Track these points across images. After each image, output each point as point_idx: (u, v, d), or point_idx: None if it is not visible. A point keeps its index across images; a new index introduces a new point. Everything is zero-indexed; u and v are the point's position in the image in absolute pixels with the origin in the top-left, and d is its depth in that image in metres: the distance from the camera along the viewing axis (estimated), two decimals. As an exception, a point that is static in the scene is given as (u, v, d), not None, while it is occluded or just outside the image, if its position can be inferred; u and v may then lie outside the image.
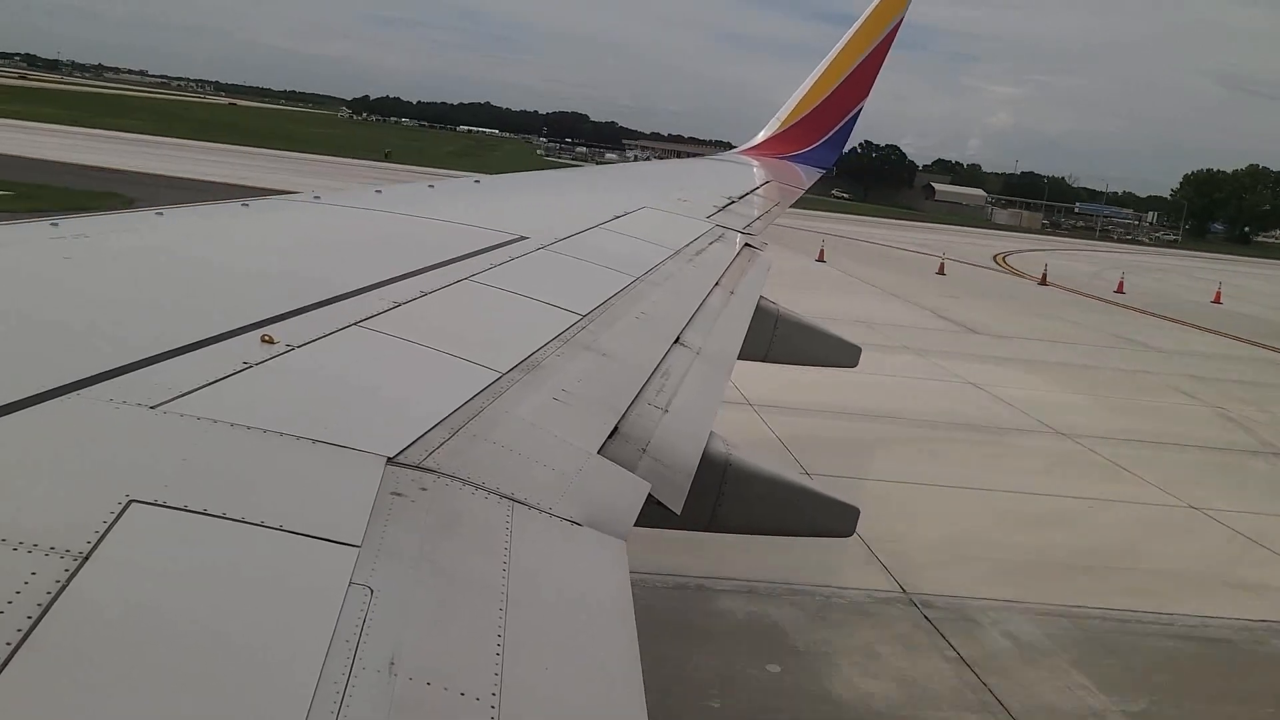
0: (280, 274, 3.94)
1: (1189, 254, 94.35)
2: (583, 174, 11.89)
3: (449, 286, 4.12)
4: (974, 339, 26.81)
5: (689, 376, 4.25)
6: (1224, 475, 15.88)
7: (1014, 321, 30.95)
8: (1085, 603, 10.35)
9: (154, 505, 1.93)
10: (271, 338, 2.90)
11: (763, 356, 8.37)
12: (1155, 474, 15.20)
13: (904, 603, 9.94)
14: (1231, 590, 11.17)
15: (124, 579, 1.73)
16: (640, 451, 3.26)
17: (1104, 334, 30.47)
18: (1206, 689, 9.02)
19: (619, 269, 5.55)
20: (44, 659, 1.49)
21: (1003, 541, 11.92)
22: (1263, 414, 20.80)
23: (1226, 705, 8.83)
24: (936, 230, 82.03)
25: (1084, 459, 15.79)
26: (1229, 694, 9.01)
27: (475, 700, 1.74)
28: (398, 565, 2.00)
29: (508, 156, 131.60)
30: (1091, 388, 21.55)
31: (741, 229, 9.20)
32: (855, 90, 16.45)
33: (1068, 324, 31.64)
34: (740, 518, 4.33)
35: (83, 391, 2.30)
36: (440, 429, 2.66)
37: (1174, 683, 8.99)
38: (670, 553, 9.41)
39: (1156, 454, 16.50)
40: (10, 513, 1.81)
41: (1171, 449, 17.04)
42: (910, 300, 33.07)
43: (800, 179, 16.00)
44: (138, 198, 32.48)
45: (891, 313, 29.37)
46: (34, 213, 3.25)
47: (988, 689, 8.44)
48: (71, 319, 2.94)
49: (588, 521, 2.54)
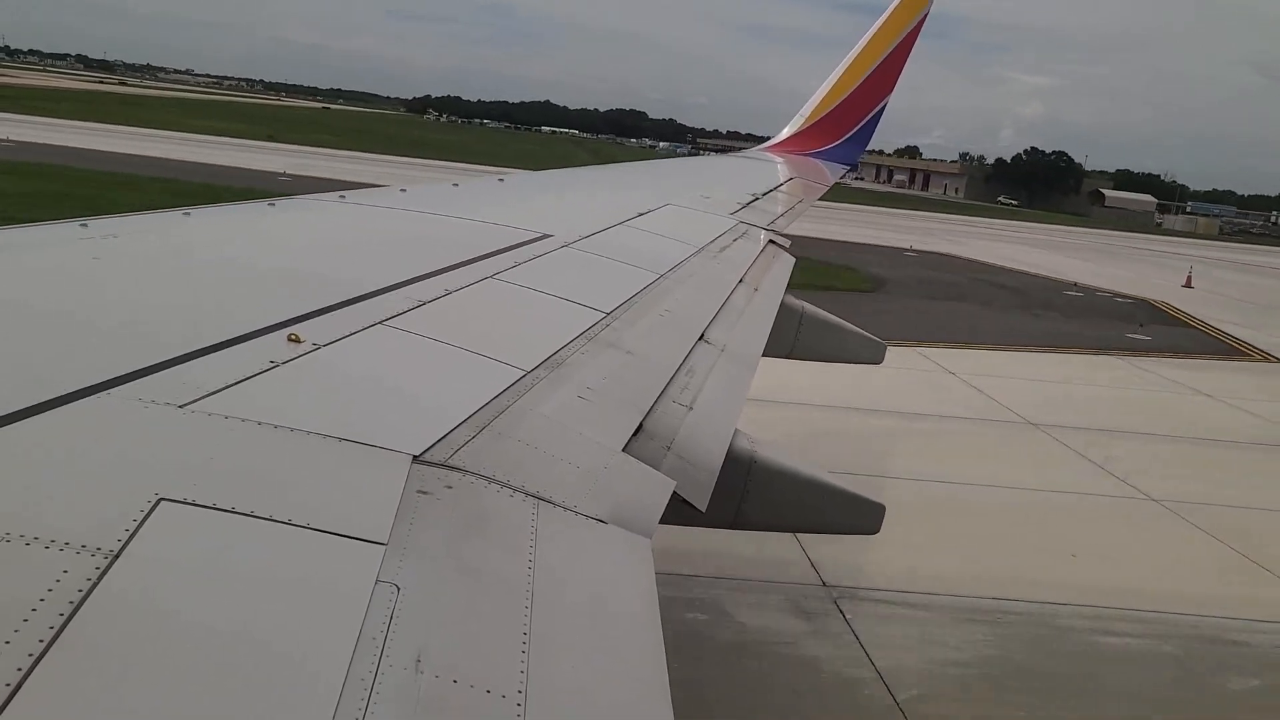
0: (306, 273, 3.96)
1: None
2: (606, 171, 11.89)
3: (473, 285, 4.13)
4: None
5: (713, 374, 4.24)
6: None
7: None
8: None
9: (183, 503, 1.94)
10: (298, 337, 2.92)
11: (788, 353, 8.34)
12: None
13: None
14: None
15: (154, 577, 1.74)
16: (665, 449, 3.25)
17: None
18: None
19: (643, 266, 5.55)
20: (75, 656, 1.50)
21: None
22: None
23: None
24: (1174, 244, 76.46)
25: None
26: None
27: (501, 698, 1.74)
28: (424, 563, 2.01)
29: (630, 155, 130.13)
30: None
31: (766, 226, 9.17)
32: (880, 86, 16.36)
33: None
34: (765, 515, 4.32)
35: (112, 390, 2.32)
36: (465, 427, 2.67)
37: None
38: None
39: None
40: (42, 511, 1.82)
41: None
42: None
43: (825, 176, 15.93)
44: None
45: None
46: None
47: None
48: (101, 318, 2.96)
49: (613, 519, 2.54)
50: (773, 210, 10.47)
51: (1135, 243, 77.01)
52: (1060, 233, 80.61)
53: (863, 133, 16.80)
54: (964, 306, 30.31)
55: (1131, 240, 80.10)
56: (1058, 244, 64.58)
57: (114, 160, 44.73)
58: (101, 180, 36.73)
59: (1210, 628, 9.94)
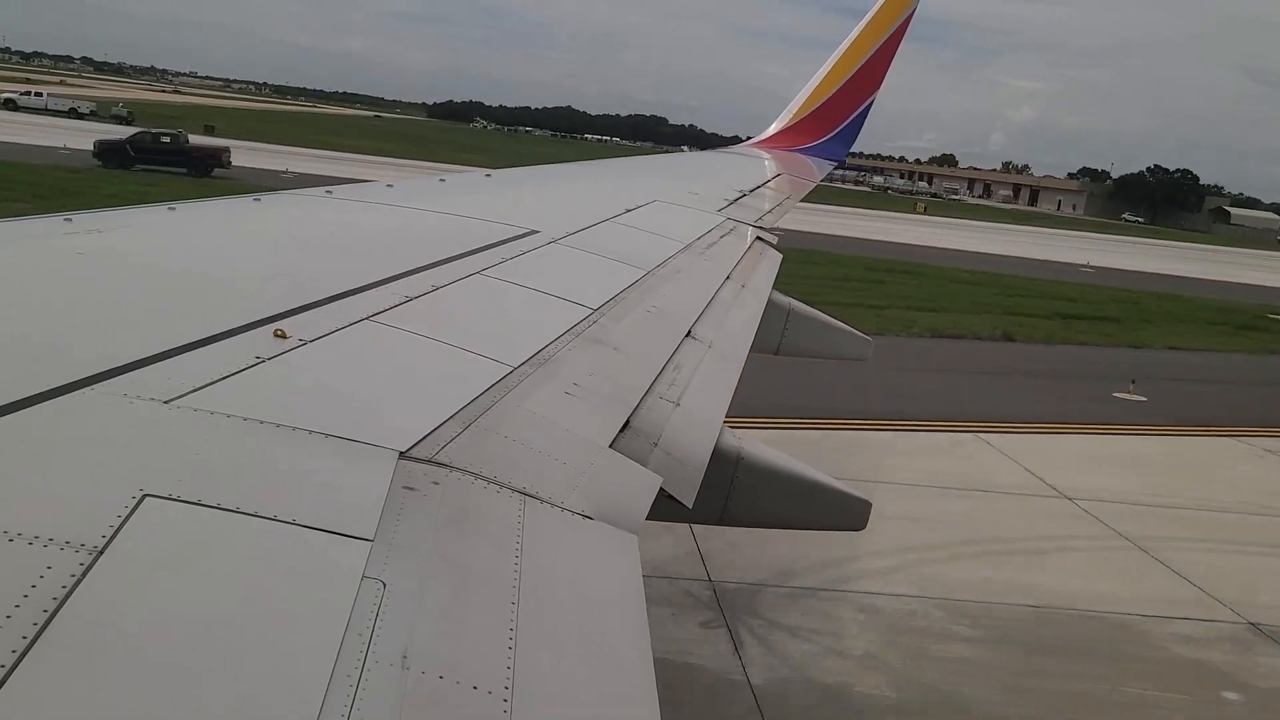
0: (292, 269, 3.94)
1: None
2: (593, 167, 11.89)
3: (460, 281, 4.12)
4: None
5: (700, 370, 4.25)
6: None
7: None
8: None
9: (168, 499, 1.93)
10: (284, 332, 2.91)
11: (775, 350, 8.36)
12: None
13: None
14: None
15: (138, 574, 1.73)
16: (652, 445, 3.26)
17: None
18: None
19: (630, 263, 5.55)
20: (59, 654, 1.49)
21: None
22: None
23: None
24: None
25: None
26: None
27: (488, 694, 1.74)
28: (410, 559, 2.01)
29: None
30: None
31: (753, 222, 9.18)
32: (867, 83, 16.40)
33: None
34: (752, 511, 4.33)
35: (97, 386, 2.30)
36: (452, 423, 2.66)
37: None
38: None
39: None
40: (24, 507, 1.81)
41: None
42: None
43: (812, 172, 15.95)
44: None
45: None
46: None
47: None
48: (85, 314, 2.95)
49: (599, 515, 2.54)
50: (760, 207, 10.49)
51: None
52: (1221, 252, 78.32)
53: (850, 129, 16.84)
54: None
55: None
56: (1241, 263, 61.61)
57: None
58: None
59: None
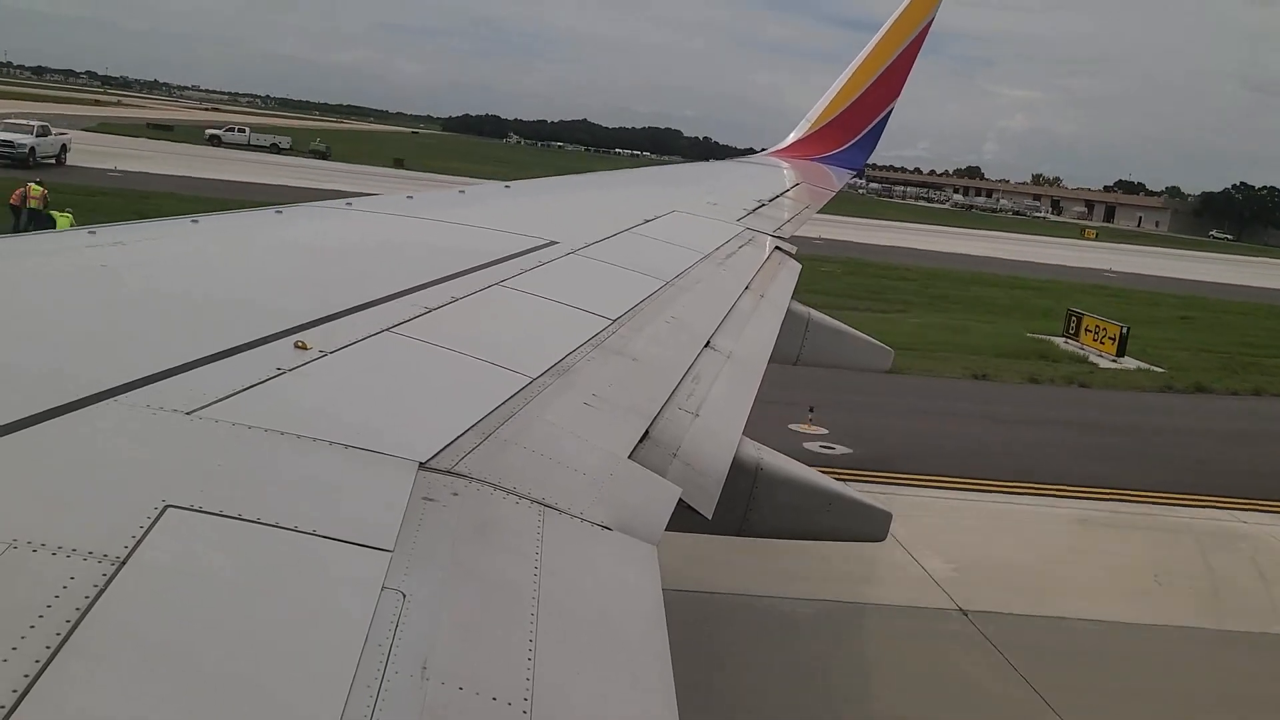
0: (313, 280, 3.97)
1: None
2: (612, 178, 11.91)
3: (480, 292, 4.13)
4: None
5: (720, 380, 4.24)
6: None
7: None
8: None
9: (190, 510, 1.94)
10: (305, 344, 2.92)
11: (794, 360, 8.33)
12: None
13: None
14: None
15: (160, 584, 1.74)
16: (671, 456, 3.25)
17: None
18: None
19: (649, 273, 5.55)
20: (82, 663, 1.50)
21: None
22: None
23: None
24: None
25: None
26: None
27: (507, 705, 1.74)
28: (430, 570, 2.01)
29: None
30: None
31: (772, 232, 9.17)
32: (886, 91, 16.36)
33: None
34: (771, 522, 4.31)
35: (120, 398, 2.32)
36: (472, 434, 2.67)
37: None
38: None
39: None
40: (48, 518, 1.83)
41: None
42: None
43: (831, 181, 15.93)
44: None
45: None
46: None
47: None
48: (108, 326, 2.97)
49: (619, 526, 2.54)
50: (779, 216, 10.47)
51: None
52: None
53: (869, 137, 16.81)
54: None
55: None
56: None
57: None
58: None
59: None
